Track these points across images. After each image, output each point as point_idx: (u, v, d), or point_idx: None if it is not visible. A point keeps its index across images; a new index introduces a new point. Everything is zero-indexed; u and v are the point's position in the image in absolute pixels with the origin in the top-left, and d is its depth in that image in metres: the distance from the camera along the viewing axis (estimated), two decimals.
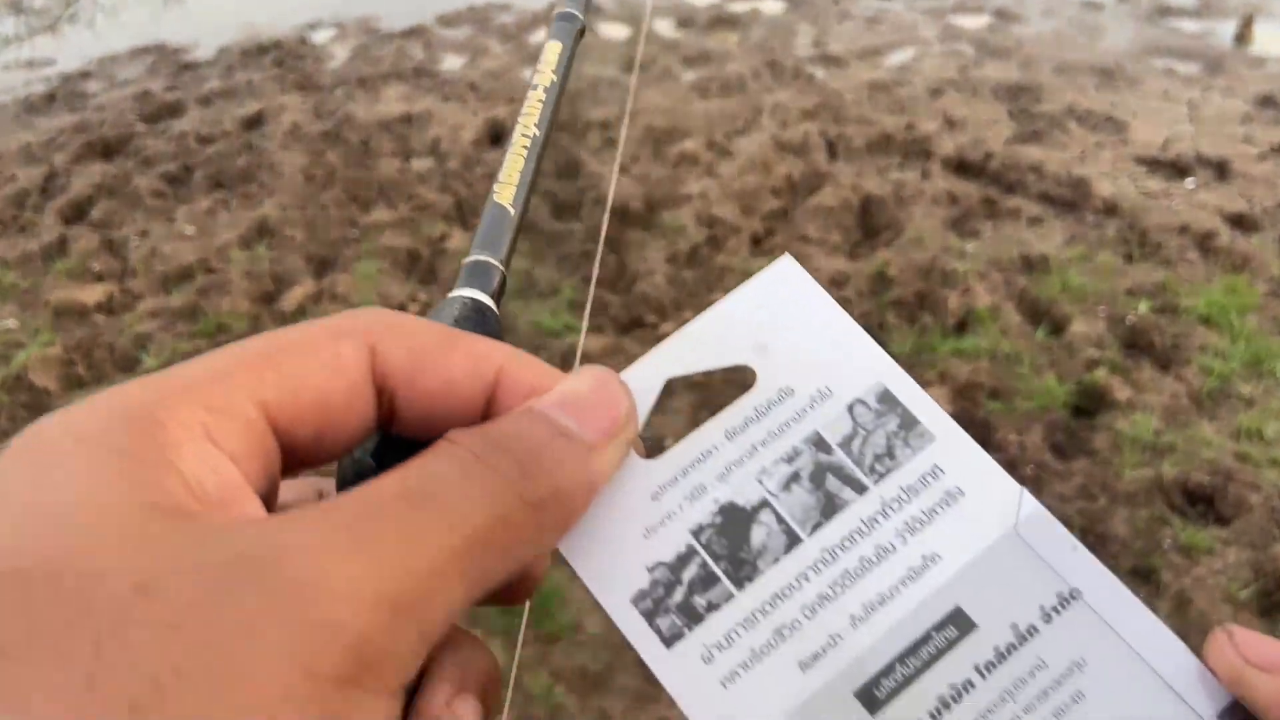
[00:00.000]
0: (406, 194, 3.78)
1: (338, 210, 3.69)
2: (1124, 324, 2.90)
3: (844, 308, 0.33)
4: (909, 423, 0.28)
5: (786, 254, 0.32)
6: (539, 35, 5.87)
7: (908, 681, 0.26)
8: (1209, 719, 0.25)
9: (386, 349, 0.24)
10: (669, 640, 0.27)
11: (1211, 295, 2.95)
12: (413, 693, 0.22)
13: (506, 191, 0.37)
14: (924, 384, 2.79)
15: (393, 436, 0.26)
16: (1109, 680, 0.25)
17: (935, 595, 0.26)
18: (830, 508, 0.27)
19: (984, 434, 2.52)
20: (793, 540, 0.27)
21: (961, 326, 2.93)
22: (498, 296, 0.33)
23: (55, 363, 2.85)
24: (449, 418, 0.24)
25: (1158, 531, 2.19)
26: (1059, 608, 0.26)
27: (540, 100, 0.41)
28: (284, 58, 5.67)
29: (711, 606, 0.26)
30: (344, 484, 0.26)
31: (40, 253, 3.45)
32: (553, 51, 0.43)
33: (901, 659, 0.26)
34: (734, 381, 1.92)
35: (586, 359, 2.82)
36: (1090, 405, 2.63)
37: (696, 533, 0.27)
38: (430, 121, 4.59)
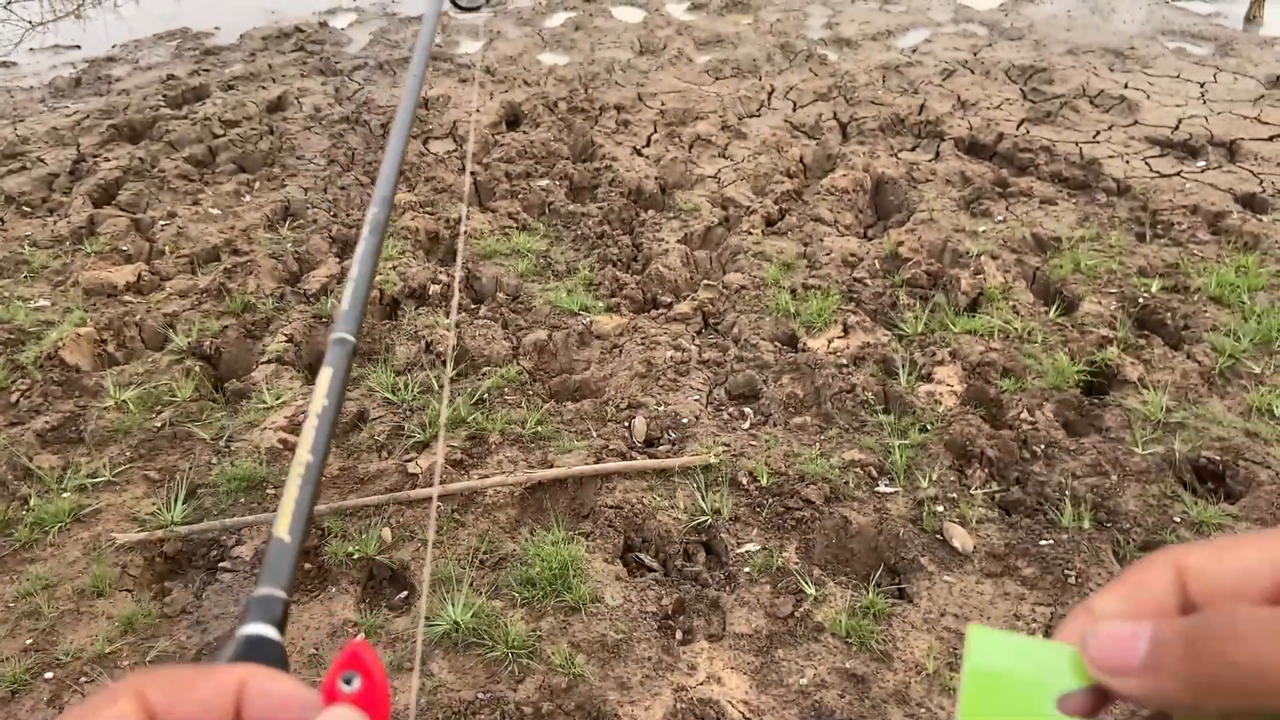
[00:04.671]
0: (426, 176, 3.83)
1: (359, 192, 3.75)
2: (1135, 303, 2.93)
3: (857, 287, 0.34)
4: None
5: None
6: (555, 19, 5.90)
7: None
8: None
9: (151, 693, 0.32)
10: None
11: (1222, 275, 2.98)
12: None
13: (284, 523, 0.41)
14: (935, 363, 2.81)
15: None
16: None
17: None
18: None
19: (995, 412, 2.55)
20: None
21: (974, 306, 2.96)
22: (283, 622, 0.39)
23: (87, 341, 2.91)
24: None
25: (1168, 508, 2.22)
26: None
27: (314, 427, 0.43)
28: (305, 42, 5.71)
29: None
30: None
31: (70, 234, 3.51)
32: (324, 379, 0.46)
33: None
34: None
35: (602, 338, 2.86)
36: (1102, 383, 2.67)
37: None
38: (448, 105, 4.64)
